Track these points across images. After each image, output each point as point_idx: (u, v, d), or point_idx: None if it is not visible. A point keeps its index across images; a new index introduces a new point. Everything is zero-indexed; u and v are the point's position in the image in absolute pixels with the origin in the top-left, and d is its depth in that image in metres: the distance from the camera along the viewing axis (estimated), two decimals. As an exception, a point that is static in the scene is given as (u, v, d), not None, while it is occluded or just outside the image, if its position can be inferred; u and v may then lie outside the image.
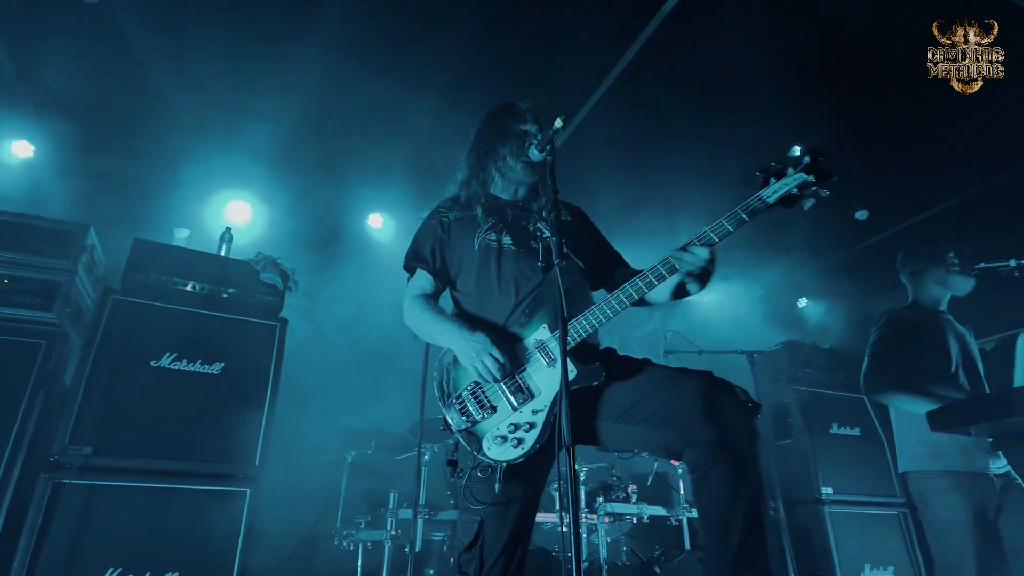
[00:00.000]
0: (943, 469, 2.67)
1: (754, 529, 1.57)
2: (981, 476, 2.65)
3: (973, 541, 2.52)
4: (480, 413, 1.84)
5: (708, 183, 5.10)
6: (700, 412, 1.65)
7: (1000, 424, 2.21)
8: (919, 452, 2.78)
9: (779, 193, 1.67)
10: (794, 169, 1.66)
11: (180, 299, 3.20)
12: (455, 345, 1.89)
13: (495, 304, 1.98)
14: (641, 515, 3.64)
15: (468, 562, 1.81)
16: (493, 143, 2.18)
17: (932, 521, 2.71)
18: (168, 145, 4.53)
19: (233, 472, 2.97)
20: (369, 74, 4.05)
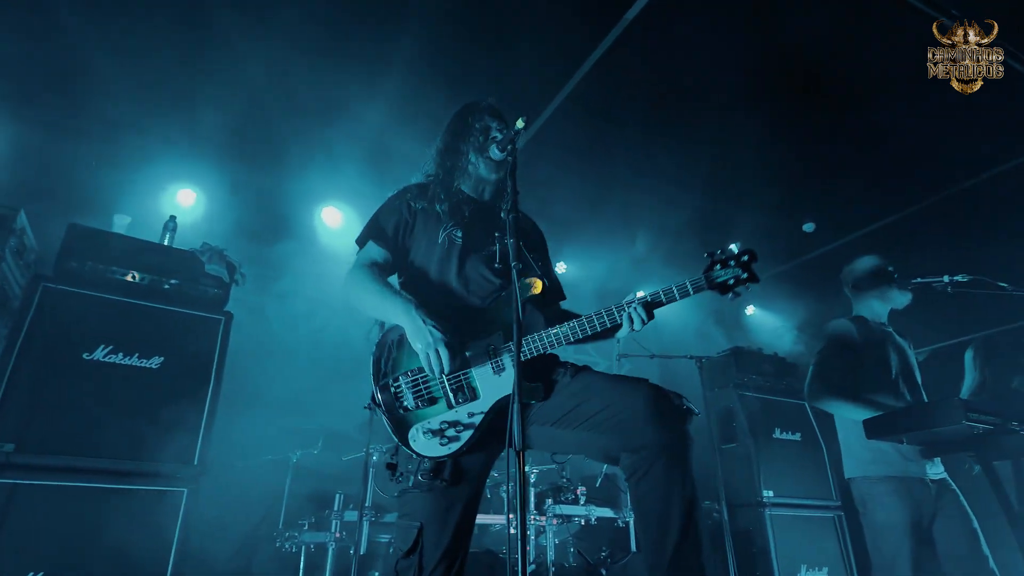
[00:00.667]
0: (884, 474, 2.79)
1: (689, 532, 1.60)
2: (919, 482, 2.77)
3: (908, 543, 2.63)
4: (415, 402, 1.81)
5: (665, 189, 5.21)
6: (637, 418, 1.69)
7: (928, 433, 2.32)
8: (863, 458, 2.89)
9: (720, 280, 1.83)
10: (735, 263, 1.82)
11: (118, 289, 3.05)
12: (408, 324, 1.83)
13: (453, 301, 1.97)
14: (589, 517, 3.66)
15: (406, 569, 1.77)
16: (456, 140, 2.19)
17: (871, 523, 2.81)
18: (110, 127, 4.31)
19: (169, 472, 2.84)
20: (322, 63, 3.96)
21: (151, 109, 4.20)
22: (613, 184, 5.17)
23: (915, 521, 2.67)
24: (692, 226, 5.58)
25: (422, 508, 1.79)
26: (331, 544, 3.23)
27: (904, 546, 2.63)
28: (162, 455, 2.84)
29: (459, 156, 2.16)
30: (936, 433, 2.25)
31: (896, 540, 2.66)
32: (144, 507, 2.73)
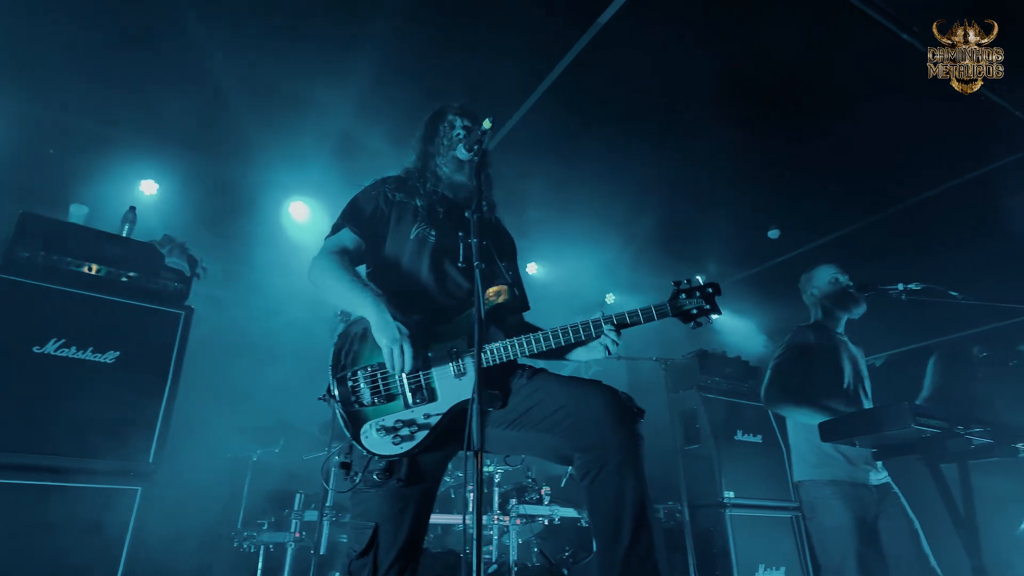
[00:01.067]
0: (830, 478, 2.89)
1: (642, 530, 1.63)
2: (862, 486, 2.87)
3: (855, 545, 2.72)
4: (371, 398, 1.79)
5: (634, 193, 5.26)
6: (588, 419, 1.72)
7: (878, 436, 2.39)
8: (811, 461, 2.99)
9: (683, 308, 1.88)
10: (699, 294, 1.87)
11: (73, 281, 2.95)
12: (374, 318, 1.80)
13: (421, 299, 1.95)
14: (553, 517, 3.68)
15: (360, 569, 1.75)
16: (425, 143, 2.21)
17: (818, 527, 2.91)
18: (66, 114, 4.17)
19: (123, 469, 2.76)
20: (288, 56, 3.90)
21: (110, 97, 4.09)
22: (583, 187, 5.21)
23: (860, 523, 2.77)
24: (660, 231, 5.66)
25: (376, 508, 1.77)
26: (290, 544, 3.18)
27: (851, 548, 2.72)
28: (115, 452, 2.76)
29: (428, 158, 2.18)
30: (886, 436, 2.33)
31: (843, 542, 2.75)
32: (95, 506, 2.64)
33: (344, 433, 1.78)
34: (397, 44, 3.78)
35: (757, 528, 4.48)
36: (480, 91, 4.07)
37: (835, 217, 5.62)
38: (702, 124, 4.50)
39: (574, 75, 4.06)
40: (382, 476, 1.75)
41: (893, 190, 5.22)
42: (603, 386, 1.81)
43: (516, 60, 3.92)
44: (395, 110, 4.10)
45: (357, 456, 1.81)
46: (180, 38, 3.64)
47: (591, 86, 4.17)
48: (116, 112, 4.12)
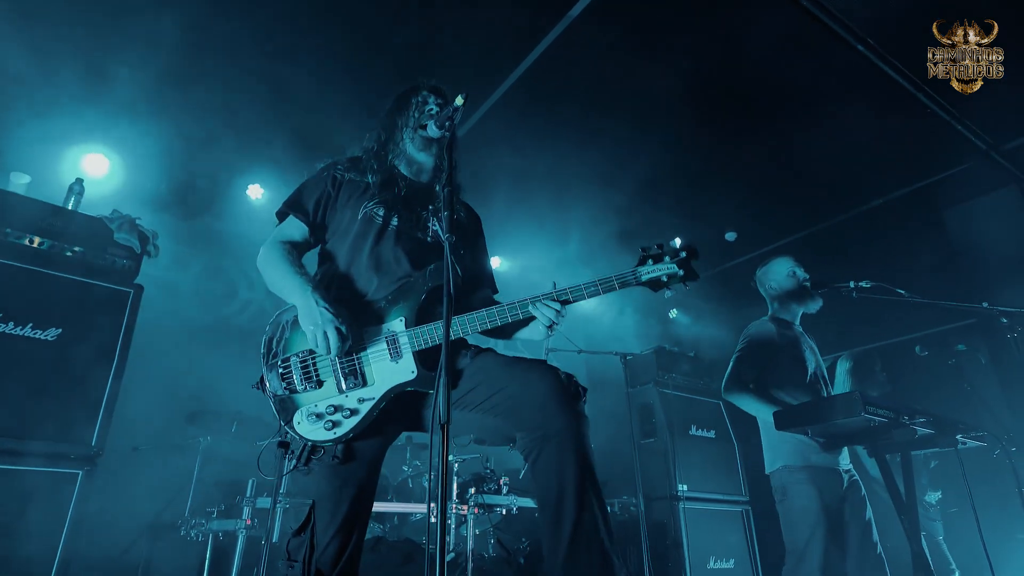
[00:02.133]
0: (803, 464, 2.98)
1: (586, 508, 1.60)
2: (832, 471, 2.98)
3: (821, 530, 2.82)
4: (303, 384, 1.76)
5: (594, 192, 5.31)
6: (527, 398, 1.70)
7: (829, 425, 2.47)
8: (784, 450, 3.07)
9: (650, 275, 1.79)
10: (670, 259, 1.78)
11: (12, 253, 2.79)
12: (301, 304, 1.78)
13: (360, 280, 1.91)
14: (511, 507, 3.68)
15: (297, 548, 1.71)
16: (393, 116, 2.15)
17: (789, 509, 3.00)
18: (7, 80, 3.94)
19: (63, 452, 2.62)
20: (249, 34, 3.78)
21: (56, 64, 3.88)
22: (543, 182, 5.23)
23: (827, 507, 2.87)
24: (619, 229, 5.72)
25: (314, 486, 1.74)
26: (241, 531, 3.07)
27: (818, 530, 2.81)
28: (55, 434, 2.62)
29: (394, 131, 2.11)
30: (837, 425, 2.41)
31: (811, 524, 2.84)
32: (33, 489, 2.50)
33: (278, 420, 1.75)
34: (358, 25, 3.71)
35: (709, 521, 4.58)
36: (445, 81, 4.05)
37: (790, 221, 5.81)
38: (664, 125, 4.59)
39: (539, 71, 4.07)
40: (316, 455, 1.73)
41: (845, 197, 5.43)
42: (545, 365, 1.79)
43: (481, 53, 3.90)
44: (357, 91, 4.03)
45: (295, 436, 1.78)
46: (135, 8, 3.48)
47: (555, 83, 4.19)
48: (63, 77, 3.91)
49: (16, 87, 3.86)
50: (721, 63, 4.10)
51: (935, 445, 2.54)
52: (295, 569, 1.67)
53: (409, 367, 1.77)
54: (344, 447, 1.73)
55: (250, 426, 3.78)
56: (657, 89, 4.29)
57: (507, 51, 3.94)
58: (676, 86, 4.29)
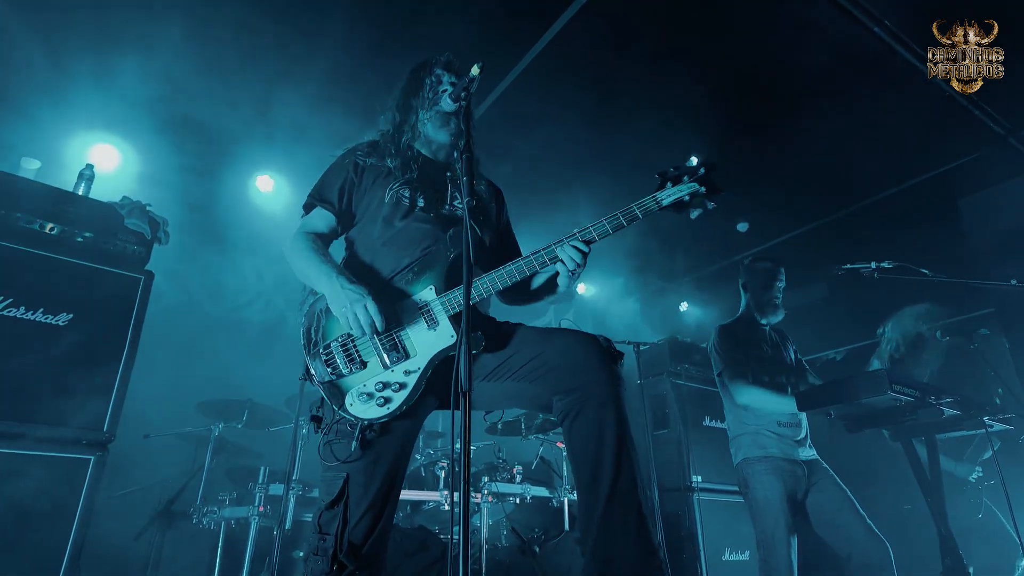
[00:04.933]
0: (763, 455, 3.05)
1: (624, 470, 1.59)
2: (792, 462, 3.02)
3: (784, 515, 2.87)
4: (348, 367, 1.74)
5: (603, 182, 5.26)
6: (566, 362, 1.69)
7: (854, 405, 2.41)
8: (745, 443, 3.16)
9: (672, 197, 1.75)
10: (689, 178, 1.75)
11: (22, 238, 2.76)
12: (328, 291, 1.78)
13: (389, 260, 1.91)
14: (525, 495, 3.64)
15: (330, 521, 1.70)
16: (406, 97, 2.13)
17: (753, 500, 3.05)
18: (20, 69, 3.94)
19: (75, 437, 2.60)
20: (259, 22, 3.76)
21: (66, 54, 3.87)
22: (550, 175, 5.19)
23: (790, 496, 2.92)
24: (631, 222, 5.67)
25: (346, 461, 1.71)
26: (254, 518, 3.04)
27: (781, 519, 2.86)
28: (67, 420, 2.60)
29: (409, 111, 2.10)
30: (862, 405, 2.35)
31: (774, 513, 2.89)
32: (44, 475, 2.47)
33: (331, 407, 1.72)
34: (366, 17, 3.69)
35: (724, 512, 4.51)
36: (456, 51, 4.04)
37: (801, 211, 5.74)
38: (672, 115, 4.54)
39: (546, 58, 4.03)
40: (352, 428, 1.71)
41: (858, 186, 5.36)
42: (581, 332, 1.79)
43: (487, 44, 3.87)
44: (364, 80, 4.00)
45: (328, 409, 1.76)
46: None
47: (563, 69, 4.15)
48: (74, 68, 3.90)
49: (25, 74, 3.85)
50: (734, 50, 4.05)
51: (961, 427, 2.48)
52: (326, 542, 1.66)
53: (448, 332, 1.76)
54: (380, 422, 1.71)
55: (261, 414, 3.75)
56: (667, 79, 4.25)
57: (521, 35, 3.90)
58: (688, 75, 4.24)
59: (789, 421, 3.05)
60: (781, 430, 3.04)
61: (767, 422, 3.06)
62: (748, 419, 3.14)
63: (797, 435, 3.07)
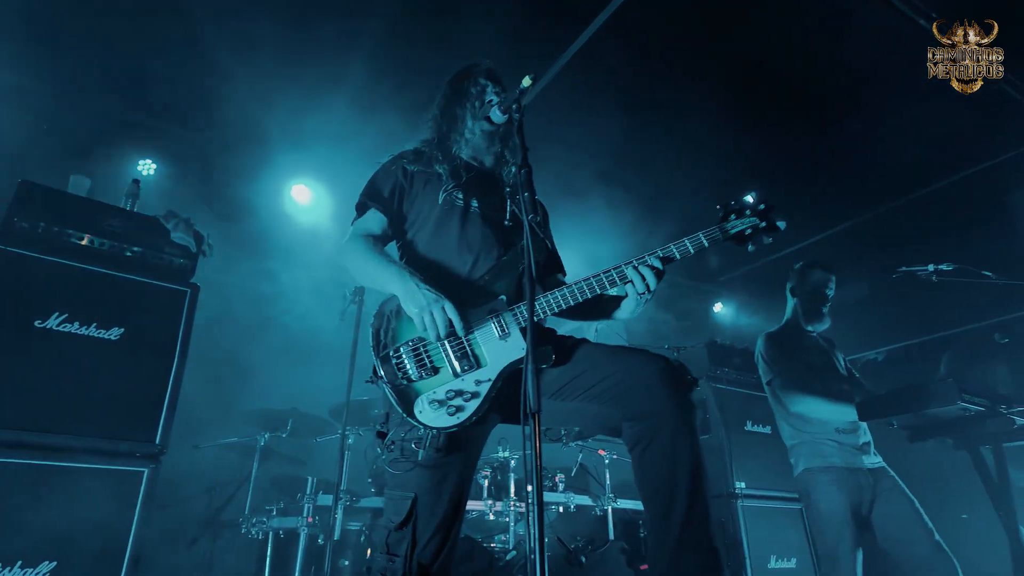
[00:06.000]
0: (824, 465, 2.94)
1: (697, 502, 1.56)
2: (857, 471, 2.92)
3: (850, 528, 2.76)
4: (418, 372, 1.72)
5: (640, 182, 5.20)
6: (640, 386, 1.65)
7: (920, 415, 2.33)
8: (803, 452, 3.05)
9: (736, 230, 1.77)
10: (750, 212, 1.77)
11: (74, 254, 2.81)
12: (402, 291, 1.75)
13: (452, 264, 1.89)
14: (568, 504, 3.60)
15: (399, 542, 1.67)
16: (450, 106, 2.12)
17: (814, 513, 2.95)
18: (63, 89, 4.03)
19: (129, 450, 2.63)
20: (290, 32, 3.79)
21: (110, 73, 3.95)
22: (588, 175, 5.14)
23: (855, 508, 2.81)
24: (666, 224, 5.60)
25: (415, 479, 1.70)
26: (303, 529, 3.06)
27: (845, 532, 2.75)
28: (121, 432, 2.64)
29: (456, 121, 2.08)
30: (929, 415, 2.27)
31: (837, 526, 2.78)
32: (101, 487, 2.51)
33: (397, 411, 1.70)
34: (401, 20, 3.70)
35: (768, 519, 4.42)
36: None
37: (841, 208, 5.61)
38: (708, 114, 4.46)
39: (583, 60, 3.99)
40: (420, 446, 1.68)
41: (902, 181, 5.21)
42: (652, 353, 1.74)
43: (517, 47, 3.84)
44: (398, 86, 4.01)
45: (394, 425, 1.74)
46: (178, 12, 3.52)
47: (600, 70, 4.11)
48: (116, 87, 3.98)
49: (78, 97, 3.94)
50: (772, 46, 3.97)
51: (1032, 436, 2.38)
52: (395, 563, 1.64)
53: (519, 344, 1.75)
54: (446, 438, 1.69)
55: (305, 424, 3.77)
56: (706, 74, 4.18)
57: (560, 31, 3.86)
58: (726, 71, 4.17)
59: (847, 428, 2.96)
60: (841, 437, 2.95)
61: (826, 430, 2.97)
62: (805, 427, 3.06)
63: (857, 442, 2.97)
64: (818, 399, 2.99)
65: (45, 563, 2.34)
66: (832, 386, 3.08)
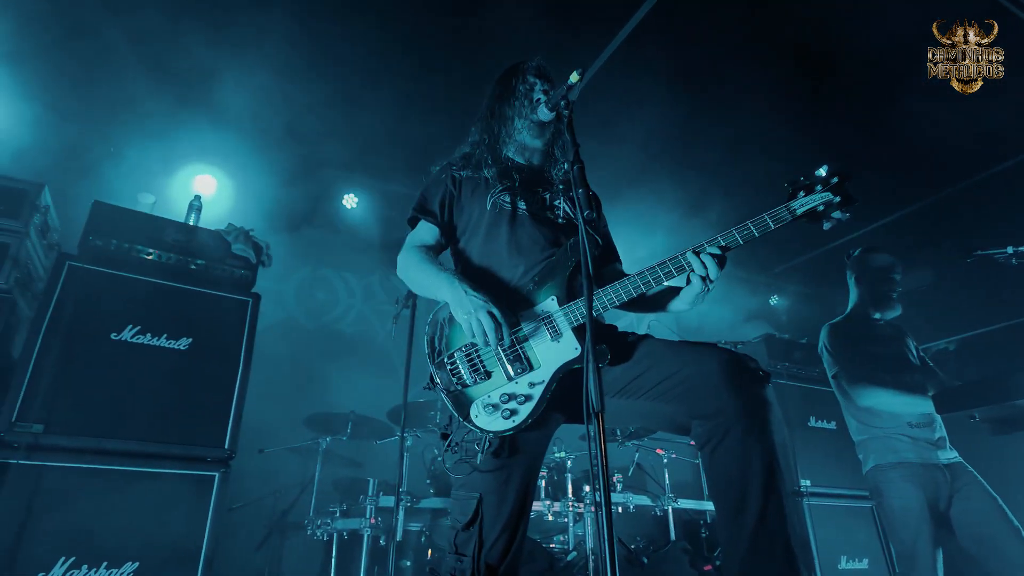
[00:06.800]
0: (896, 461, 2.81)
1: (771, 502, 1.49)
2: (932, 467, 2.78)
3: (927, 526, 2.63)
4: (472, 377, 1.72)
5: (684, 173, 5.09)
6: (709, 383, 1.59)
7: (1005, 407, 2.20)
8: (874, 448, 2.92)
9: (806, 207, 1.66)
10: (822, 187, 1.66)
11: (144, 269, 2.95)
12: (451, 297, 1.76)
13: (502, 269, 1.88)
14: (628, 504, 3.56)
15: (466, 542, 1.68)
16: (499, 105, 2.10)
17: (887, 510, 2.82)
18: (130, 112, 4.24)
19: (201, 455, 2.74)
20: (342, 48, 3.88)
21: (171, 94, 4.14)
22: (630, 169, 5.06)
23: (931, 505, 2.67)
24: (710, 213, 5.46)
25: (480, 479, 1.70)
26: (366, 530, 3.12)
27: (923, 529, 2.62)
28: (193, 438, 2.75)
29: (504, 121, 2.07)
30: (1015, 406, 2.13)
31: (913, 524, 2.65)
32: (176, 491, 2.63)
33: (455, 416, 1.71)
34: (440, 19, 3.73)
35: (837, 518, 4.26)
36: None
37: (903, 191, 5.35)
38: (757, 102, 4.34)
39: (622, 52, 3.94)
40: (481, 447, 1.68)
41: (962, 164, 4.94)
42: (718, 347, 1.68)
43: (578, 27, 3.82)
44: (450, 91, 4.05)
45: (456, 427, 1.75)
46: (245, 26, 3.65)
47: (641, 62, 4.04)
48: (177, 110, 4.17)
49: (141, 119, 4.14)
50: (828, 27, 3.83)
51: None
52: (463, 563, 1.65)
53: (571, 344, 1.72)
54: (504, 441, 1.69)
55: (364, 426, 3.85)
56: (756, 59, 4.07)
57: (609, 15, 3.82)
58: (780, 53, 4.05)
59: (920, 422, 2.83)
60: (914, 432, 2.82)
61: (897, 424, 2.84)
62: (874, 422, 2.93)
63: (932, 436, 2.83)
64: (888, 391, 2.86)
65: (129, 564, 2.46)
66: (904, 377, 2.93)
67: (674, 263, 1.71)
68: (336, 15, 3.70)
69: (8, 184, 2.86)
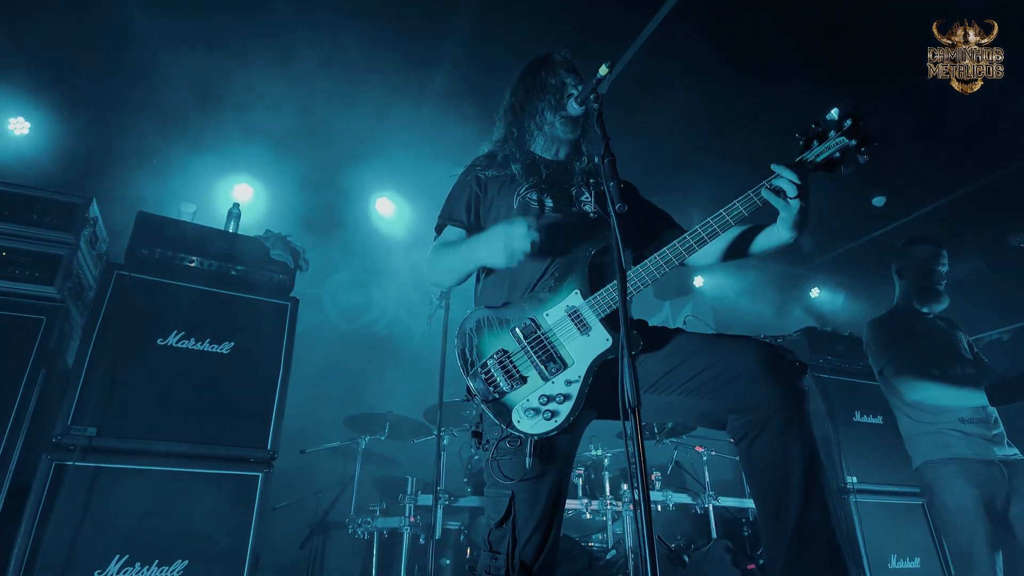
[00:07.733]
0: (948, 457, 2.70)
1: (813, 496, 1.45)
2: (987, 463, 2.66)
3: (983, 525, 2.51)
4: (508, 384, 1.71)
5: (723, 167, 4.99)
6: (745, 376, 1.56)
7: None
8: (924, 444, 2.82)
9: (823, 156, 1.60)
10: (836, 132, 1.59)
11: (187, 276, 3.05)
12: (484, 244, 1.76)
13: (528, 267, 1.85)
14: (667, 503, 3.51)
15: (499, 540, 1.67)
16: (528, 98, 2.07)
17: (940, 509, 2.72)
18: (170, 124, 4.39)
19: (245, 456, 2.82)
20: (375, 51, 3.93)
21: (209, 104, 4.26)
22: (663, 159, 4.99)
23: (987, 503, 2.55)
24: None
25: (512, 476, 1.69)
26: (406, 529, 3.16)
27: (979, 528, 2.51)
28: (237, 439, 2.83)
29: (535, 114, 2.04)
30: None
31: (969, 523, 2.54)
32: (221, 491, 2.71)
33: (492, 423, 1.71)
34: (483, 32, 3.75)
35: (886, 516, 4.12)
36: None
37: (947, 180, 5.16)
38: (796, 88, 4.23)
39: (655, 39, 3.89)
40: (515, 443, 1.68)
41: (1011, 147, 4.73)
42: (753, 339, 1.65)
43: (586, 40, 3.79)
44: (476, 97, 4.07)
45: (488, 424, 1.75)
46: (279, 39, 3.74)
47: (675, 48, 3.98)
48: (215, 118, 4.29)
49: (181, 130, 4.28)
50: (857, 16, 3.72)
51: None
52: (498, 561, 1.65)
53: (602, 336, 1.70)
54: (543, 441, 1.68)
55: (401, 427, 3.90)
56: (792, 41, 3.97)
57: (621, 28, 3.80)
58: (809, 37, 3.95)
59: (974, 417, 2.71)
60: (968, 427, 2.70)
61: (949, 419, 2.73)
62: (924, 417, 2.82)
63: (988, 432, 2.71)
64: (937, 384, 2.74)
65: (179, 561, 2.54)
66: (954, 371, 2.82)
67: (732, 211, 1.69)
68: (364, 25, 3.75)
69: (60, 199, 2.98)
